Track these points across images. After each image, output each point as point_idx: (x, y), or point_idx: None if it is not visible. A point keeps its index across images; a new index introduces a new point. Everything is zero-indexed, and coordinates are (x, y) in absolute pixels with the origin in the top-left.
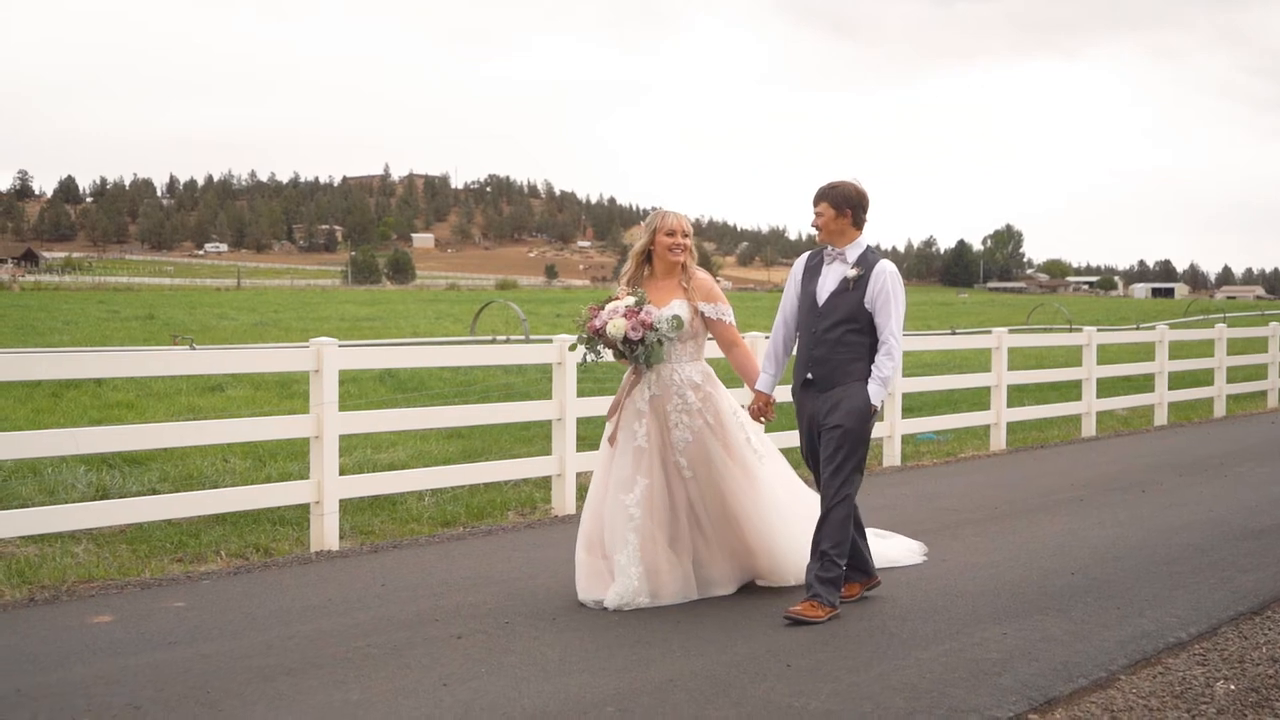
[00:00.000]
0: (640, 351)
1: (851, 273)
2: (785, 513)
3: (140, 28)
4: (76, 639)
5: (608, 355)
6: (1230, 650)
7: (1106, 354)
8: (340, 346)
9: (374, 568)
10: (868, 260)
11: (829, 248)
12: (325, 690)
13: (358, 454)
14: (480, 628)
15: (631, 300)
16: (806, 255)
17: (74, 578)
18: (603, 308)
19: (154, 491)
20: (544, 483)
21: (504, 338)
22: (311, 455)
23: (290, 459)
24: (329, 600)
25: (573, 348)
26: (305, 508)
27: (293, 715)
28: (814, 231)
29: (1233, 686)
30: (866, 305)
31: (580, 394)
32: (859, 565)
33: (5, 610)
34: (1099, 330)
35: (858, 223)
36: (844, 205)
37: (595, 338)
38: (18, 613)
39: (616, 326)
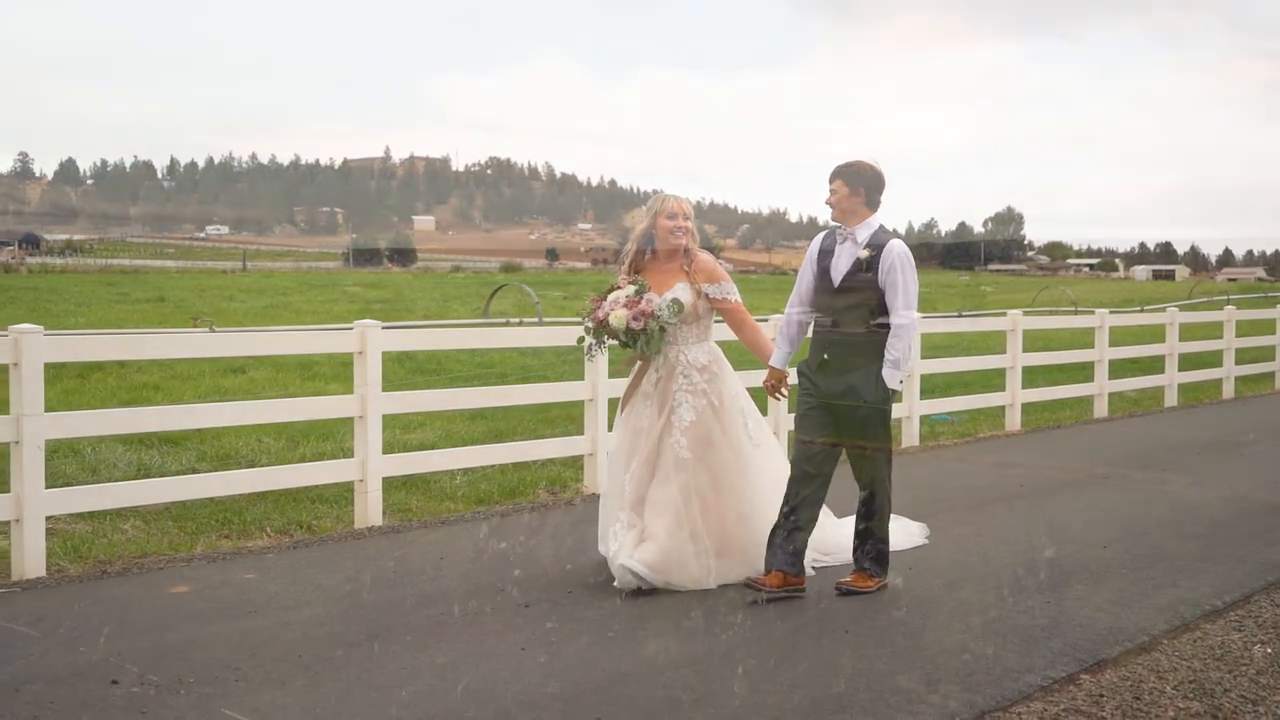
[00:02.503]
0: (643, 340)
1: (863, 253)
2: (773, 501)
3: (139, 9)
4: (160, 608)
5: (614, 344)
6: (1264, 617)
7: (1116, 336)
8: (383, 329)
9: (428, 542)
10: (879, 240)
11: (841, 227)
12: (410, 654)
13: (386, 434)
14: (545, 597)
15: (632, 290)
16: (822, 235)
17: (128, 553)
18: (605, 298)
19: (194, 470)
20: (571, 462)
21: (518, 320)
22: (355, 434)
23: (322, 439)
24: (392, 572)
25: (580, 340)
26: (343, 485)
27: (384, 676)
28: (824, 213)
29: (1269, 650)
30: (881, 285)
31: (610, 375)
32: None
33: (81, 582)
34: (1110, 313)
35: (871, 203)
36: (858, 184)
37: (600, 328)
38: (94, 584)
39: (618, 318)
